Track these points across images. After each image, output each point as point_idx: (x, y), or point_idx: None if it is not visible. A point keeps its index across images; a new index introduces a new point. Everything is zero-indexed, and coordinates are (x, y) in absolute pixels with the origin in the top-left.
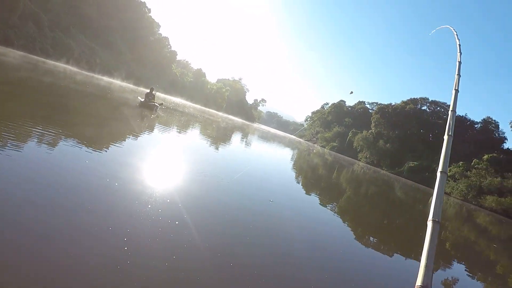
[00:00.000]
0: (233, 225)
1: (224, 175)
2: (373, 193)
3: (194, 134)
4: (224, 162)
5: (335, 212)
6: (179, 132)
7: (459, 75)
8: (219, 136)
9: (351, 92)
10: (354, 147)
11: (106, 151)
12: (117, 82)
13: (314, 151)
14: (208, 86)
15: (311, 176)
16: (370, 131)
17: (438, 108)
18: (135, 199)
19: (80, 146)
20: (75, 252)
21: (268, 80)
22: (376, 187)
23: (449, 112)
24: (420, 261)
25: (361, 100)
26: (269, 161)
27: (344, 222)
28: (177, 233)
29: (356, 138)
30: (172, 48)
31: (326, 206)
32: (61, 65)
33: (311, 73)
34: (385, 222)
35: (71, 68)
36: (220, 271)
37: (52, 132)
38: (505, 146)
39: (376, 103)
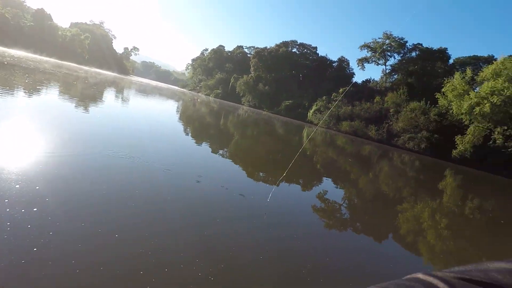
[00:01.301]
0: (108, 195)
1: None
2: (258, 132)
3: (50, 97)
4: (94, 129)
5: (225, 157)
6: (29, 96)
7: None
8: (85, 95)
9: None
10: (237, 92)
11: None
12: None
13: (199, 100)
14: (60, 33)
15: (199, 126)
16: (250, 75)
17: (305, 50)
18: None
19: None
20: None
21: (139, 26)
22: (259, 127)
23: None
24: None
25: (239, 45)
26: (153, 116)
27: (235, 164)
28: (37, 221)
29: (238, 83)
30: None
31: (217, 153)
32: None
33: (186, 18)
34: (271, 157)
35: None
36: (100, 247)
37: None
38: (354, 80)
39: (254, 47)
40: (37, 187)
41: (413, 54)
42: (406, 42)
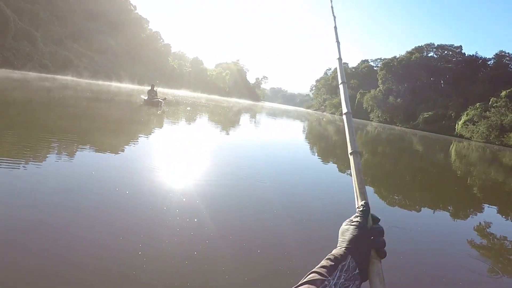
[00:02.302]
0: (257, 214)
1: (243, 166)
2: (391, 149)
3: (202, 122)
4: (238, 148)
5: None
6: (188, 123)
7: (338, 42)
8: (231, 120)
9: None
10: (364, 108)
11: (112, 156)
12: (123, 85)
13: (324, 119)
14: (208, 73)
15: (325, 145)
16: (378, 88)
17: (446, 52)
18: (148, 204)
19: (89, 153)
20: (81, 264)
21: (267, 57)
22: (392, 144)
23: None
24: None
25: (363, 59)
26: (282, 135)
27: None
28: (196, 230)
29: (365, 99)
30: (165, 42)
31: (345, 172)
32: (68, 78)
33: (307, 44)
34: (407, 179)
35: (77, 79)
36: (247, 259)
37: (65, 141)
38: None
39: (380, 59)
40: (197, 201)
41: None
42: None
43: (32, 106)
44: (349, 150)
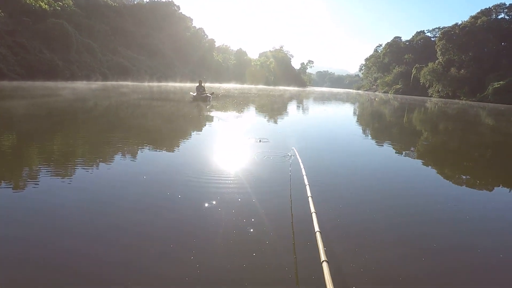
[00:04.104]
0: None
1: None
2: (455, 126)
3: (242, 111)
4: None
5: (416, 158)
6: (238, 114)
7: None
8: (279, 107)
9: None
10: (421, 84)
11: (164, 156)
12: (177, 84)
13: (376, 99)
14: (252, 63)
15: (378, 126)
16: (437, 61)
17: None
18: (201, 205)
19: (146, 152)
20: (139, 269)
21: (311, 41)
22: (456, 119)
23: None
24: None
25: (419, 31)
26: (332, 119)
27: (432, 167)
28: (254, 231)
29: (422, 74)
30: (209, 37)
31: (401, 154)
32: (129, 83)
33: (356, 17)
34: (477, 155)
35: (136, 83)
36: (311, 263)
37: (129, 141)
38: None
39: (438, 28)
40: (254, 200)
41: None
42: None
43: (116, 109)
44: None
